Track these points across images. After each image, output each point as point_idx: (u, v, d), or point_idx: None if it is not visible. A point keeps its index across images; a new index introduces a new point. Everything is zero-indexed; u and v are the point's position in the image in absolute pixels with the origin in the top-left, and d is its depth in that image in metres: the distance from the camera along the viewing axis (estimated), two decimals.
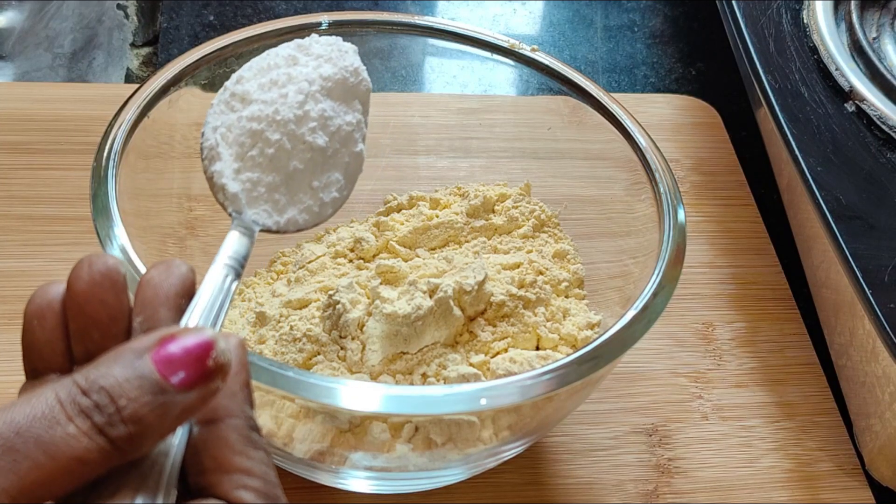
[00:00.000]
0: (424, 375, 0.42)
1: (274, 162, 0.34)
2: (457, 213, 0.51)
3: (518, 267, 0.47)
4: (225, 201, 0.34)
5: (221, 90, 0.36)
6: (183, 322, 0.27)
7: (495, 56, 0.51)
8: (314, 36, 0.38)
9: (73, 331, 0.26)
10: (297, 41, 0.37)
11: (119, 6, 0.73)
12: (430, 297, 0.43)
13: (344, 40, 0.38)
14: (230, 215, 0.34)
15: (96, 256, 0.26)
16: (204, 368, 0.23)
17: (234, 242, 0.32)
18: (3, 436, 0.21)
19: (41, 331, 0.26)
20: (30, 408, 0.22)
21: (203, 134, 0.35)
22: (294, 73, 0.36)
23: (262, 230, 0.34)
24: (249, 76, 0.36)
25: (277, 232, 0.35)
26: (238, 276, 0.30)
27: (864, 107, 0.52)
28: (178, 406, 0.23)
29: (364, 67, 0.37)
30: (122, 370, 0.23)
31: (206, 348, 0.23)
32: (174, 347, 0.23)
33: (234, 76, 0.36)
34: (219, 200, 0.35)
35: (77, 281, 0.26)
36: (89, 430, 0.22)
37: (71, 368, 0.27)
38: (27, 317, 0.27)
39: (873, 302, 0.44)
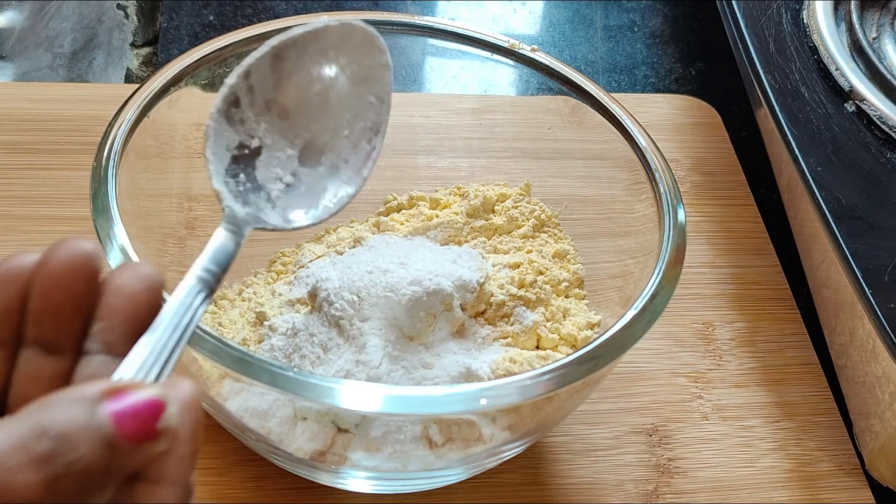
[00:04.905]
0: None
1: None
2: (457, 213, 0.51)
3: (518, 267, 0.47)
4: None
5: None
6: (141, 344, 0.25)
7: (495, 56, 0.51)
8: None
9: (32, 310, 0.25)
10: None
11: (119, 6, 0.73)
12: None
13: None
14: (224, 209, 0.33)
15: (76, 240, 0.25)
16: (151, 430, 0.22)
17: (218, 244, 0.30)
18: None
19: (1, 299, 0.25)
20: None
21: None
22: None
23: (259, 228, 0.34)
24: None
25: (274, 230, 0.34)
26: (212, 291, 0.28)
27: (864, 107, 0.52)
28: (124, 465, 0.22)
29: None
30: (78, 416, 0.22)
31: (157, 410, 0.23)
32: (125, 403, 0.22)
33: None
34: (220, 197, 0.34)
35: (52, 259, 0.25)
36: (37, 483, 0.21)
37: (18, 345, 0.26)
38: None
39: (873, 302, 0.44)
